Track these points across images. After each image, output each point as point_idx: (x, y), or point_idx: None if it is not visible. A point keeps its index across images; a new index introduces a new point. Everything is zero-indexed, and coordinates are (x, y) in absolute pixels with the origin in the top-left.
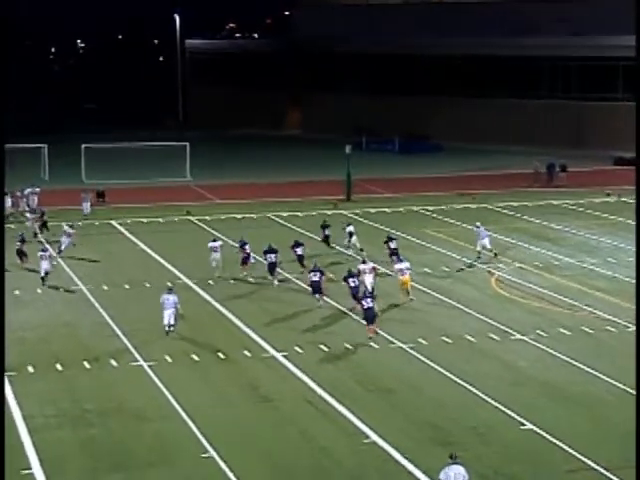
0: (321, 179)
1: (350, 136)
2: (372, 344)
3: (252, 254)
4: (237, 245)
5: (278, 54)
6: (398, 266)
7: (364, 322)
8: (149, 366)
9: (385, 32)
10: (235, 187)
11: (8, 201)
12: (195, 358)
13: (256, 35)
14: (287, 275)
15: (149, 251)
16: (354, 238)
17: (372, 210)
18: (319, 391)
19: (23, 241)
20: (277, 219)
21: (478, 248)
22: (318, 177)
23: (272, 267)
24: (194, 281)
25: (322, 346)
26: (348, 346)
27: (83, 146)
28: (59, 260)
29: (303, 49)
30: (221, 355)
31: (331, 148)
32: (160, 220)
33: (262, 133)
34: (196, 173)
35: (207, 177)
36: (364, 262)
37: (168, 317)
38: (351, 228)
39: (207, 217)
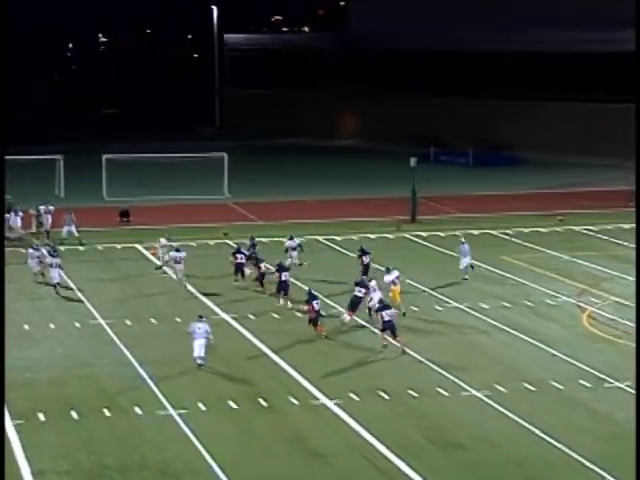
0: (381, 196)
1: (414, 146)
2: (440, 390)
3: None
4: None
5: (331, 51)
6: (389, 278)
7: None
8: (179, 415)
9: (452, 26)
10: (280, 206)
11: (18, 221)
12: (232, 405)
13: (306, 29)
14: (341, 309)
15: (174, 277)
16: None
17: (441, 233)
18: (378, 446)
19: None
20: (329, 243)
21: (462, 267)
22: (378, 194)
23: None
24: (232, 315)
25: (381, 393)
26: (412, 393)
27: (104, 157)
28: (77, 291)
29: (360, 46)
30: (263, 402)
31: (393, 160)
32: (192, 244)
33: (311, 143)
34: (235, 189)
35: (247, 194)
36: (388, 272)
37: (199, 348)
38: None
39: (247, 241)
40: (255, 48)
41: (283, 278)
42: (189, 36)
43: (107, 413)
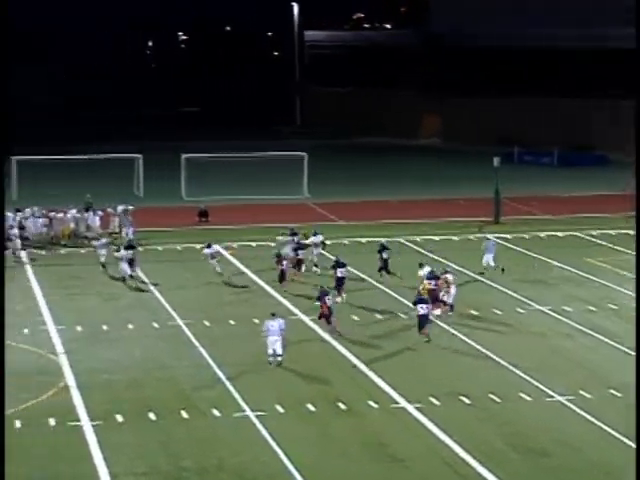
0: (463, 197)
1: (497, 146)
2: (523, 395)
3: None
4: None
5: (413, 49)
6: (422, 272)
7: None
8: (257, 417)
9: (536, 23)
10: (361, 206)
11: (96, 220)
12: (311, 408)
13: (388, 26)
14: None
15: (258, 280)
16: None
17: (524, 235)
18: (458, 451)
19: (131, 247)
20: (410, 244)
21: (484, 264)
22: (460, 195)
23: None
24: (311, 317)
25: (463, 397)
26: (494, 398)
27: (183, 156)
28: (155, 292)
29: (442, 43)
30: (342, 405)
31: (475, 160)
32: (271, 244)
33: (392, 142)
34: (315, 189)
35: (328, 194)
36: (447, 272)
37: (273, 345)
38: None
39: (327, 241)
40: (336, 45)
41: (339, 274)
42: (269, 33)
43: (185, 415)
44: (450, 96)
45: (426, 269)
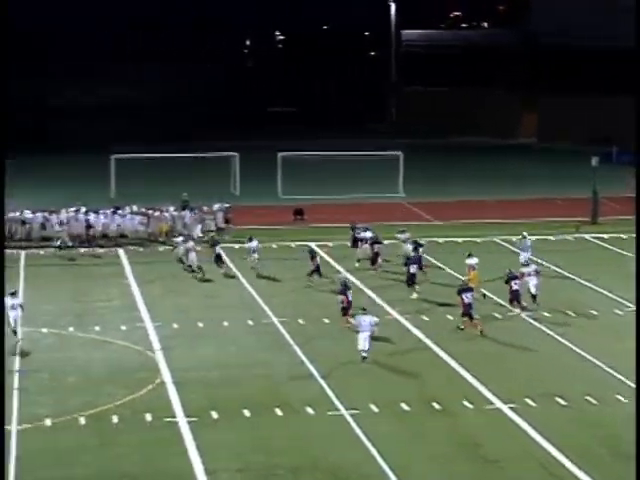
0: (561, 197)
1: (595, 146)
2: (620, 398)
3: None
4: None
5: (511, 48)
6: (470, 262)
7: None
8: (351, 415)
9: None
10: (456, 205)
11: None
12: (405, 407)
13: (485, 25)
14: (516, 311)
15: (353, 279)
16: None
17: (623, 235)
18: (554, 453)
19: (215, 243)
20: (505, 244)
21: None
22: (557, 194)
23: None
24: (406, 316)
25: (558, 399)
26: (590, 399)
27: (280, 155)
28: (250, 289)
29: (540, 42)
30: (436, 405)
31: (572, 160)
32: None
33: (488, 141)
34: (410, 188)
35: (423, 193)
36: (526, 265)
37: (364, 341)
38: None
39: (422, 240)
40: (433, 44)
41: (412, 271)
42: (366, 33)
43: (279, 412)
44: (547, 95)
45: (474, 259)
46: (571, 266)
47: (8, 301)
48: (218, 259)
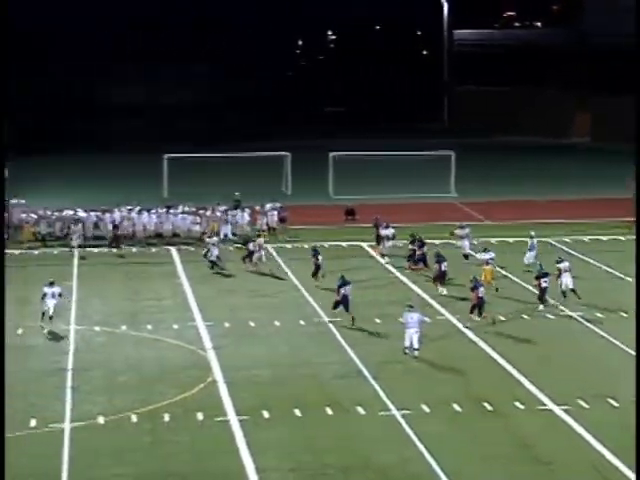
0: (613, 197)
1: None
2: None
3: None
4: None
5: (564, 48)
6: (484, 256)
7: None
8: (402, 416)
9: None
10: (508, 205)
11: (245, 217)
12: (456, 408)
13: (539, 24)
14: (563, 308)
15: (405, 280)
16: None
17: None
18: (609, 456)
19: (246, 243)
20: (558, 244)
21: (525, 262)
22: (610, 195)
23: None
24: (457, 316)
25: (611, 400)
26: None
27: (331, 155)
28: (301, 289)
29: (594, 42)
30: (487, 406)
31: (625, 160)
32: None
33: (541, 141)
34: (462, 188)
35: (475, 193)
36: (561, 261)
37: (410, 338)
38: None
39: (474, 241)
40: (486, 44)
41: (442, 268)
42: (418, 33)
43: (329, 412)
44: (601, 95)
45: (490, 254)
46: (622, 266)
47: (46, 290)
48: (247, 257)
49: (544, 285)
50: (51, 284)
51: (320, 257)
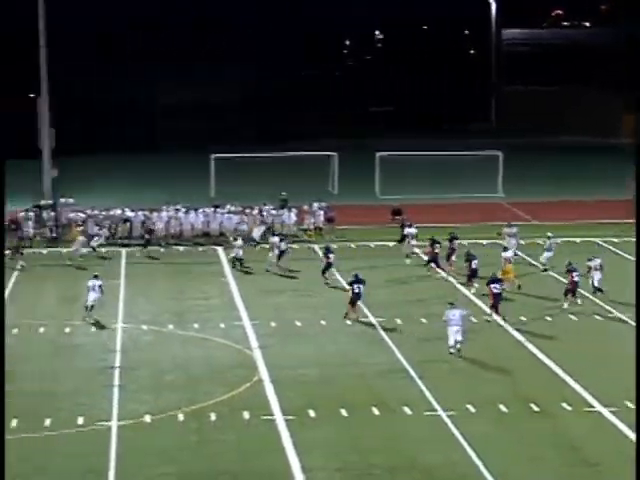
0: None
1: None
2: None
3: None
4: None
5: (612, 48)
6: (507, 254)
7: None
8: (448, 416)
9: None
10: (556, 205)
11: (292, 217)
12: (503, 409)
13: (587, 24)
14: (604, 305)
15: (451, 279)
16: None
17: None
18: None
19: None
20: (606, 245)
21: (542, 260)
22: None
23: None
24: (502, 316)
25: None
26: None
27: (378, 155)
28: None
29: None
30: (534, 407)
31: None
32: (464, 243)
33: (589, 141)
34: (509, 188)
35: (522, 193)
36: (591, 259)
37: (454, 335)
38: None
39: (522, 241)
40: (533, 44)
41: (473, 266)
42: (466, 32)
43: (376, 412)
44: None
45: (510, 252)
46: None
47: (90, 282)
48: (279, 256)
49: (576, 279)
50: (95, 277)
51: (331, 255)
